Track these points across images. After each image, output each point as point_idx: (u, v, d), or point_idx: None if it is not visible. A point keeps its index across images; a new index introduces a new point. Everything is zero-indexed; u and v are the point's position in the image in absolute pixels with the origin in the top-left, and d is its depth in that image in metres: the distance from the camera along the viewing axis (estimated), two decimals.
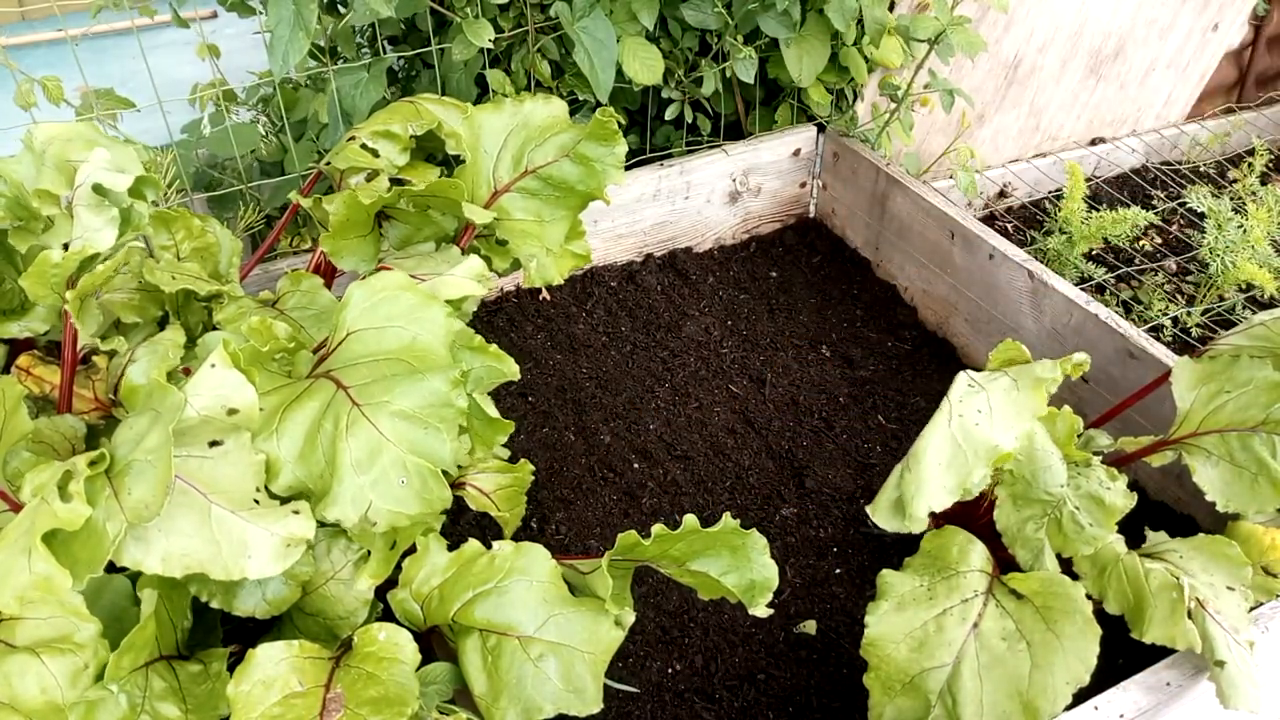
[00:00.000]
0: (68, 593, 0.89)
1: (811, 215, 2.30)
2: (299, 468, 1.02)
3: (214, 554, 0.95)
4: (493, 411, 1.22)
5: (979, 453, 1.17)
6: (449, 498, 1.02)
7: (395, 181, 1.43)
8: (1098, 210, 2.24)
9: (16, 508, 1.04)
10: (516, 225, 1.45)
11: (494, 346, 1.17)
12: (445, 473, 1.02)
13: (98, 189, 1.21)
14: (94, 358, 1.29)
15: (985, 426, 1.18)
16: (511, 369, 1.18)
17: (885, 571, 1.23)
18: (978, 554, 1.24)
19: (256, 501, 0.98)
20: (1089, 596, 1.24)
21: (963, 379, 1.25)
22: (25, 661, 0.94)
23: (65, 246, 1.21)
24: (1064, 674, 1.11)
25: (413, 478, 1.00)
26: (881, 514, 1.20)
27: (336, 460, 1.01)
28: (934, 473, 1.17)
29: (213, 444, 0.99)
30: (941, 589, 1.21)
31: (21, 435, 1.05)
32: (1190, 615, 1.15)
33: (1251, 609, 1.23)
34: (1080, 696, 1.13)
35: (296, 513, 0.99)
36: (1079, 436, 1.35)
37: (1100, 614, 1.23)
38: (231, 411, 0.99)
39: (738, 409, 1.79)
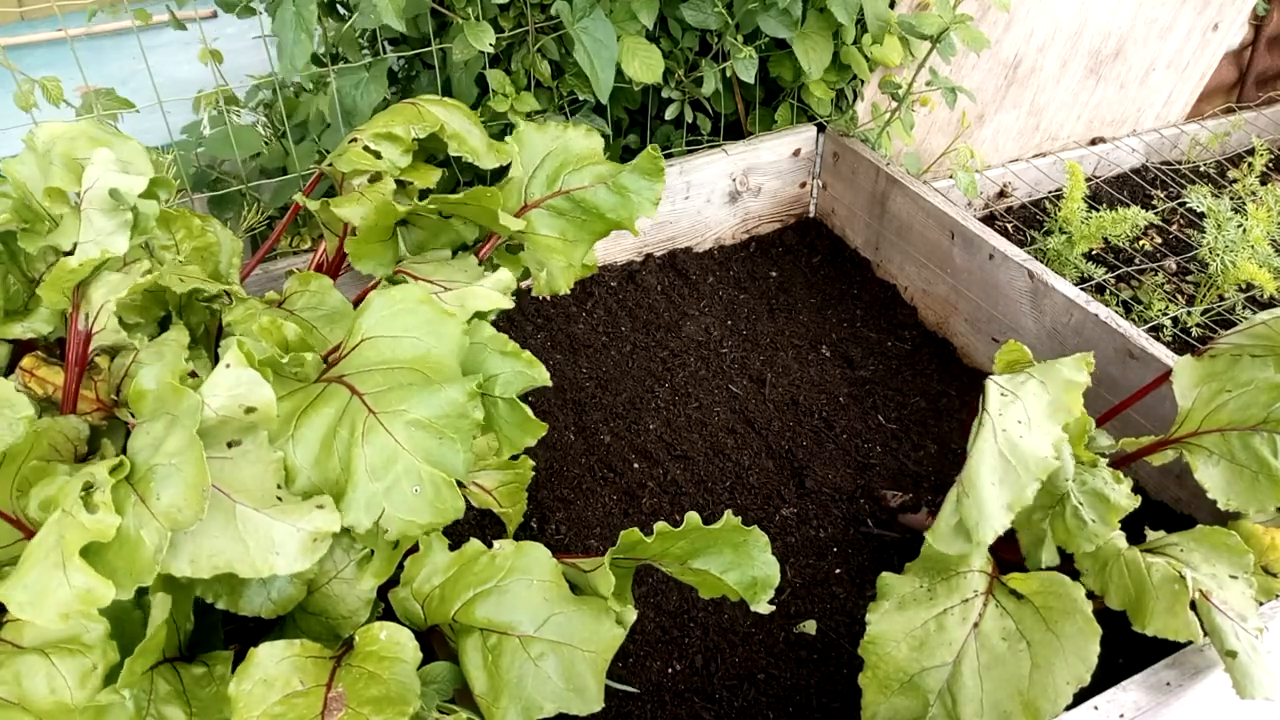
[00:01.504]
0: (109, 605, 0.89)
1: (811, 215, 2.30)
2: (315, 473, 1.02)
3: (242, 552, 0.95)
4: (528, 413, 1.21)
5: (1029, 467, 1.14)
6: (462, 507, 1.02)
7: (398, 183, 1.44)
8: (1097, 210, 2.25)
9: (16, 523, 1.04)
10: (541, 240, 1.47)
11: (527, 353, 1.17)
12: (460, 483, 1.02)
13: (114, 193, 1.21)
14: (96, 358, 1.29)
15: (1029, 439, 1.16)
16: (542, 375, 1.17)
17: (885, 574, 1.24)
18: (978, 555, 1.24)
19: (279, 499, 0.98)
20: (1090, 594, 1.24)
21: (994, 389, 1.23)
22: (35, 662, 0.94)
23: (74, 246, 1.21)
24: (1065, 673, 1.11)
25: (426, 487, 1.01)
26: (943, 540, 1.18)
27: (352, 466, 1.01)
28: (991, 494, 1.15)
29: (231, 444, 0.99)
30: (942, 589, 1.21)
31: (30, 454, 1.05)
32: (1195, 607, 1.15)
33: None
34: (1080, 696, 1.13)
35: (321, 507, 0.99)
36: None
37: (1101, 614, 1.23)
38: (249, 410, 0.99)
39: (738, 409, 1.79)
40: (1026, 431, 1.17)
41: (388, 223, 1.35)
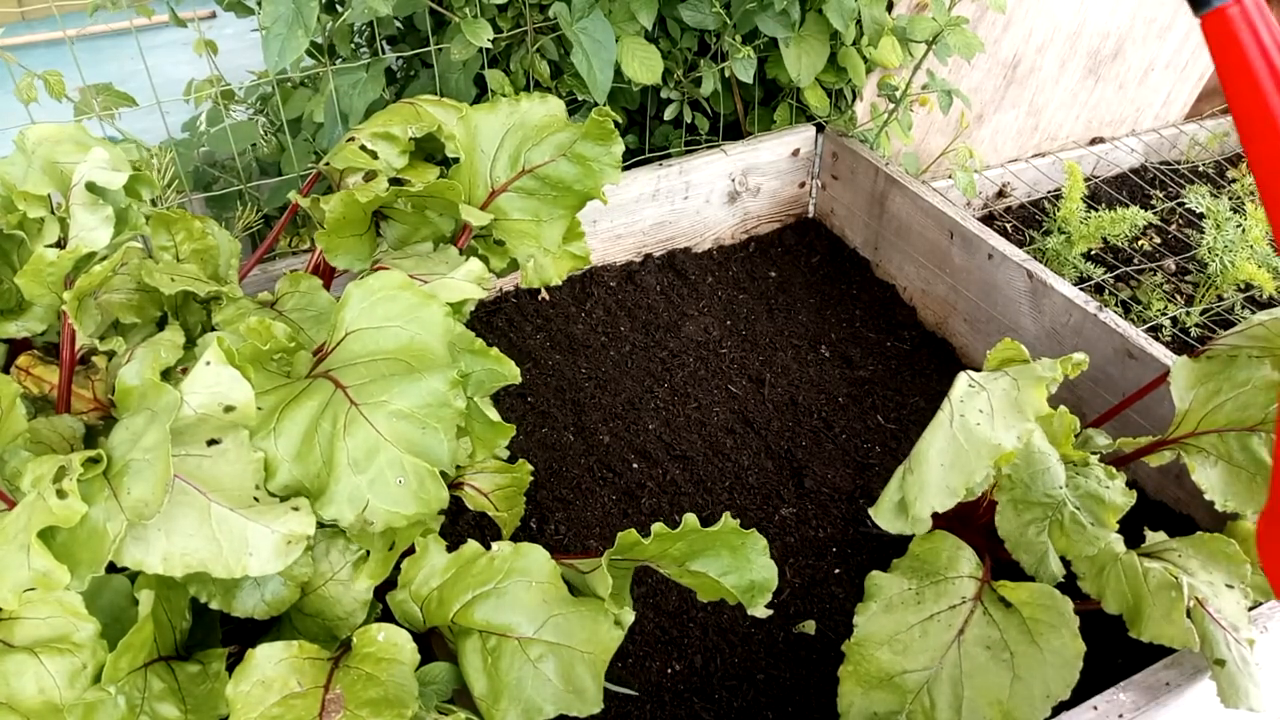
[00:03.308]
0: (65, 590, 0.89)
1: (810, 215, 2.30)
2: (296, 467, 1.02)
3: (215, 552, 0.95)
4: (494, 415, 1.22)
5: (981, 453, 1.16)
6: (446, 498, 1.02)
7: (394, 182, 1.43)
8: (1096, 210, 2.25)
9: (14, 506, 1.04)
10: (514, 225, 1.45)
11: (494, 350, 1.17)
12: (443, 473, 1.02)
13: (91, 187, 1.21)
14: (93, 358, 1.29)
15: (987, 426, 1.18)
16: (512, 372, 1.17)
17: (874, 573, 1.23)
18: (967, 561, 1.23)
19: (256, 499, 0.98)
20: (1087, 596, 1.24)
21: (963, 379, 1.25)
22: (23, 661, 0.94)
23: (60, 245, 1.21)
24: (1044, 688, 1.11)
25: (410, 478, 1.00)
26: (884, 515, 1.19)
27: (334, 459, 1.01)
28: (936, 473, 1.16)
29: (211, 442, 0.99)
30: (930, 593, 1.21)
31: (16, 434, 1.05)
32: (1189, 614, 1.15)
33: (1250, 609, 1.23)
34: (1080, 696, 1.13)
35: (296, 509, 0.99)
36: (1076, 436, 1.35)
37: (1099, 614, 1.23)
38: (229, 409, 0.98)
39: (737, 409, 1.79)
40: (986, 421, 1.18)
41: (355, 215, 1.34)
